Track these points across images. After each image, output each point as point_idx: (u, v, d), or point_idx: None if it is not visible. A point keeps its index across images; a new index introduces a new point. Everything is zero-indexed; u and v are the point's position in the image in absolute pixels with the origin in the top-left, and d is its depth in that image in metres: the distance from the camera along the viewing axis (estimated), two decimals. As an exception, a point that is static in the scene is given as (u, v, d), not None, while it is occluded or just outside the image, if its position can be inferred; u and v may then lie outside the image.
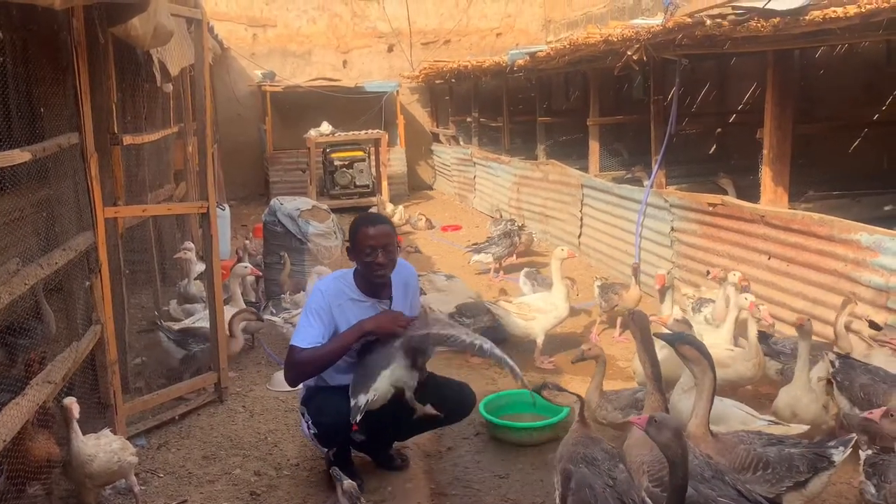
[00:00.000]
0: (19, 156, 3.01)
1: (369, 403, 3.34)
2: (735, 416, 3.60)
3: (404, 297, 3.73)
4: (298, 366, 3.47)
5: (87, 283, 3.89)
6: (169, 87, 6.46)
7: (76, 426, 3.26)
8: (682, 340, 3.22)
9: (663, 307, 4.98)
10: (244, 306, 5.67)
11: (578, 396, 3.27)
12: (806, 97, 7.96)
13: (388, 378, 3.41)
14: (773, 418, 3.67)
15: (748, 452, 3.00)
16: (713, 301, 5.22)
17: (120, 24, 3.67)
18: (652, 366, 3.22)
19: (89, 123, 3.72)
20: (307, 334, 3.46)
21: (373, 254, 3.46)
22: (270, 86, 13.13)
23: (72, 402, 3.25)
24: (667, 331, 4.37)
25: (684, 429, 2.84)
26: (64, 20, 3.46)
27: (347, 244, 3.62)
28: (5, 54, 3.27)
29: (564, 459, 2.98)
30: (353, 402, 3.33)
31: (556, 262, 5.61)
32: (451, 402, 3.72)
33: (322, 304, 3.50)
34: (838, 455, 2.97)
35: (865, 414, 3.12)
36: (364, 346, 3.49)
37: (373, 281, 3.55)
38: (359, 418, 3.30)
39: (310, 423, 3.55)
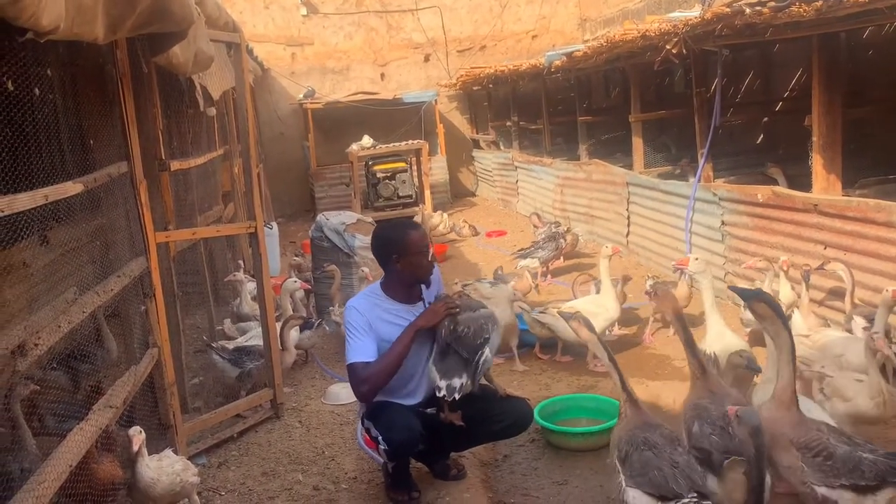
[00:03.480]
0: (72, 188, 3.10)
1: (463, 387, 3.41)
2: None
3: (434, 293, 3.82)
4: (370, 379, 3.50)
5: (143, 307, 3.98)
6: (212, 111, 6.59)
7: (144, 451, 3.33)
8: (758, 297, 3.14)
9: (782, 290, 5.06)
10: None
11: (611, 357, 3.28)
12: (855, 79, 7.72)
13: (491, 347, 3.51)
14: None
15: (818, 438, 2.91)
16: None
17: (162, 53, 3.75)
18: (685, 333, 3.33)
19: (137, 151, 3.82)
20: (361, 349, 3.52)
21: (428, 252, 3.62)
22: (311, 103, 13.31)
23: (134, 434, 3.31)
24: (694, 269, 4.36)
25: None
26: (108, 53, 3.57)
27: (395, 257, 3.62)
28: (55, 91, 3.38)
29: (624, 443, 3.01)
30: (446, 383, 3.40)
31: (604, 262, 5.56)
32: (512, 415, 3.71)
33: (361, 320, 3.56)
34: None
35: None
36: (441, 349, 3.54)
37: (424, 280, 3.68)
38: (457, 396, 3.39)
39: (380, 438, 3.55)
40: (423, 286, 3.76)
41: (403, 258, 3.59)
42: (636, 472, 2.89)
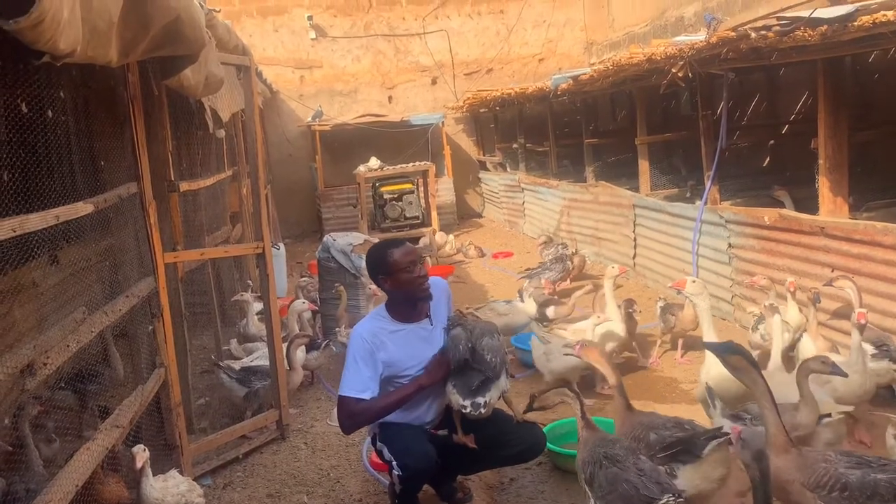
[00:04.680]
0: (82, 208, 3.13)
1: (488, 404, 3.40)
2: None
3: (443, 310, 3.75)
4: (358, 417, 3.49)
5: (150, 327, 3.99)
6: (221, 133, 6.65)
7: (148, 471, 3.33)
8: (731, 350, 3.15)
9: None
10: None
11: (571, 389, 3.44)
12: (861, 102, 7.73)
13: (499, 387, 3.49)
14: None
15: (827, 471, 2.88)
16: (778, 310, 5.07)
17: (173, 76, 3.80)
18: (614, 374, 3.62)
19: (147, 173, 3.86)
20: (356, 382, 3.47)
21: (414, 268, 3.52)
22: (319, 125, 13.41)
23: (137, 451, 3.31)
24: (691, 291, 4.36)
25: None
26: (120, 76, 3.62)
27: (382, 277, 3.59)
28: (67, 112, 3.42)
29: (588, 464, 3.05)
30: (470, 401, 3.38)
31: (608, 283, 5.55)
32: (525, 442, 3.68)
33: (363, 348, 3.51)
34: None
35: None
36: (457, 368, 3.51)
37: (420, 297, 3.58)
38: (483, 411, 3.37)
39: (394, 463, 3.49)
40: (430, 302, 3.70)
41: (390, 277, 3.55)
42: (605, 492, 2.91)
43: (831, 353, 4.37)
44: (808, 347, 4.49)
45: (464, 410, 3.41)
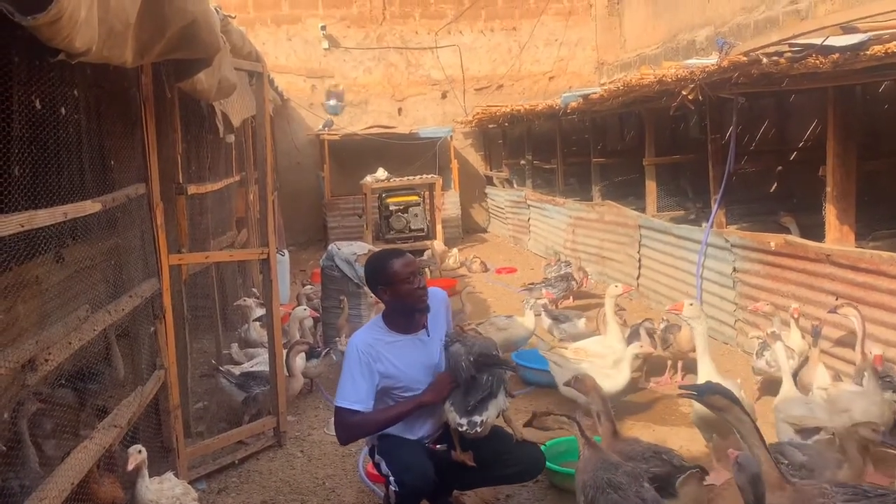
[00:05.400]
0: (90, 206, 3.14)
1: (485, 423, 3.39)
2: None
3: (441, 321, 3.73)
4: (354, 429, 3.48)
5: (152, 328, 3.99)
6: (231, 139, 6.68)
7: (144, 472, 3.31)
8: (709, 391, 3.08)
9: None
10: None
11: (569, 417, 3.40)
12: (870, 132, 7.73)
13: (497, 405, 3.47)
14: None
15: None
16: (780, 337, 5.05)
17: (187, 79, 3.83)
18: (602, 402, 3.70)
19: (156, 174, 3.87)
20: (352, 393, 3.45)
21: (414, 279, 3.49)
22: (328, 134, 13.46)
23: (132, 452, 3.30)
24: (689, 315, 4.38)
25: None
26: (134, 77, 3.64)
27: (381, 288, 3.56)
28: (80, 111, 3.44)
29: (589, 487, 2.97)
30: (466, 419, 3.37)
31: (609, 301, 5.53)
32: (524, 461, 3.65)
33: (359, 360, 3.48)
34: None
35: None
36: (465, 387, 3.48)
37: (418, 308, 3.55)
38: (479, 430, 3.36)
39: (391, 479, 3.46)
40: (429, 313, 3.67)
41: (390, 288, 3.52)
42: None
43: (837, 382, 4.35)
44: (823, 375, 4.46)
45: (460, 429, 3.40)
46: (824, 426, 3.86)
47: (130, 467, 3.26)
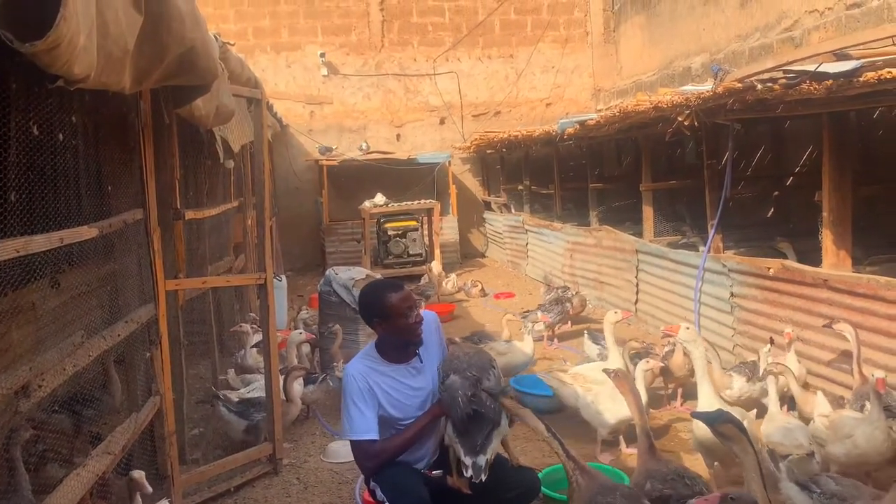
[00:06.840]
0: (87, 232, 3.14)
1: (488, 463, 3.34)
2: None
3: (434, 346, 3.69)
4: (380, 456, 3.43)
5: (148, 354, 3.97)
6: (231, 164, 6.70)
7: (139, 499, 3.28)
8: (721, 419, 3.07)
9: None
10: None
11: (552, 434, 3.29)
12: (865, 157, 7.79)
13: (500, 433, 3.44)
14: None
15: None
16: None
17: (185, 105, 3.84)
18: (640, 414, 3.70)
19: (153, 200, 3.88)
20: (364, 425, 3.42)
21: (412, 313, 3.46)
22: (327, 160, 13.51)
23: (139, 477, 3.27)
24: (685, 338, 4.43)
25: None
26: (133, 103, 3.66)
27: (377, 321, 3.53)
28: (77, 137, 3.45)
29: None
30: (471, 461, 3.31)
31: (608, 327, 5.50)
32: (520, 487, 3.60)
33: (359, 388, 3.46)
34: None
35: None
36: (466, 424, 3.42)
37: (414, 340, 3.53)
38: (484, 477, 3.30)
39: (385, 502, 3.43)
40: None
41: (385, 322, 3.48)
42: None
43: (840, 410, 4.33)
44: (823, 402, 4.43)
45: (465, 472, 3.33)
46: (805, 450, 3.99)
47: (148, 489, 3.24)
